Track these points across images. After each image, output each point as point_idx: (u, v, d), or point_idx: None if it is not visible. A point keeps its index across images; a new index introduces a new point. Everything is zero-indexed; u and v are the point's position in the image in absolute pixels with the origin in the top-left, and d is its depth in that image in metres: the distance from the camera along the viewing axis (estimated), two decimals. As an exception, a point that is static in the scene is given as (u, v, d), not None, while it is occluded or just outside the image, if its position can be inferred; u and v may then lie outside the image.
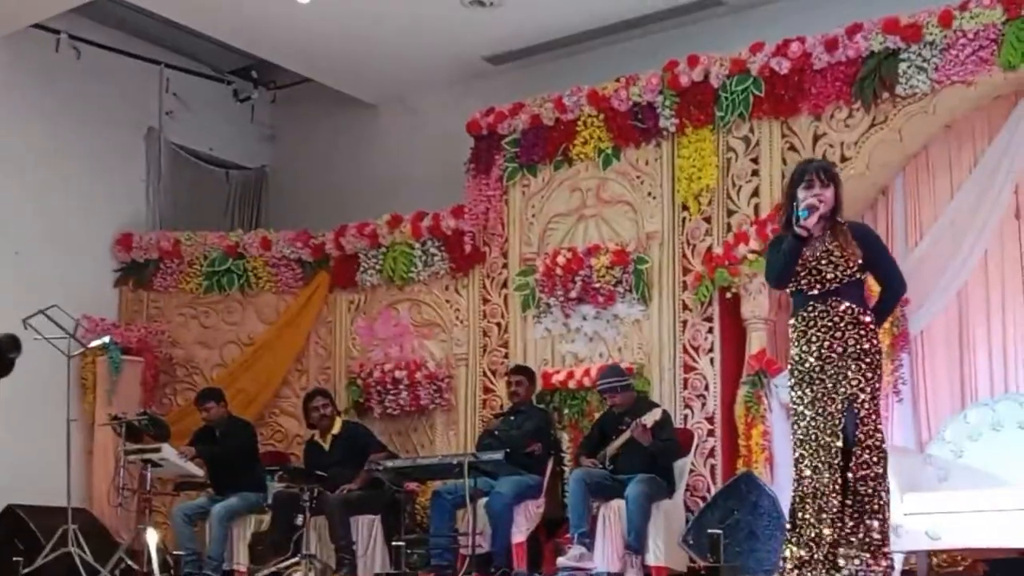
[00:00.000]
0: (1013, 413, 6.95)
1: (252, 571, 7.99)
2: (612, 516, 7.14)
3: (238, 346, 9.89)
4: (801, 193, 5.11)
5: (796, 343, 5.14)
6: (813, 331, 5.09)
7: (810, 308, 5.11)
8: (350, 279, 9.72)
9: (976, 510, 6.20)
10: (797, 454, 5.09)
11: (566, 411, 8.35)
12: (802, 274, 5.12)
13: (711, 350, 7.98)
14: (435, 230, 9.30)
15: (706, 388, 7.94)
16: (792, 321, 5.22)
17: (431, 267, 9.36)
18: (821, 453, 5.00)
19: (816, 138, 7.85)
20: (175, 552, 8.31)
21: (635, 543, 6.96)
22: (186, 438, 8.69)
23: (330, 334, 9.81)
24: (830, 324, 5.06)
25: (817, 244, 5.12)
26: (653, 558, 7.00)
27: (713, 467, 7.76)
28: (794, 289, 5.18)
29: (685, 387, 8.04)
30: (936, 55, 7.42)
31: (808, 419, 5.06)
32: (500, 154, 9.11)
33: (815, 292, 5.11)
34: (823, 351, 5.05)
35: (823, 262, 5.08)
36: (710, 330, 8.01)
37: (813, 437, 5.03)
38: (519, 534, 7.49)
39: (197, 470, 8.46)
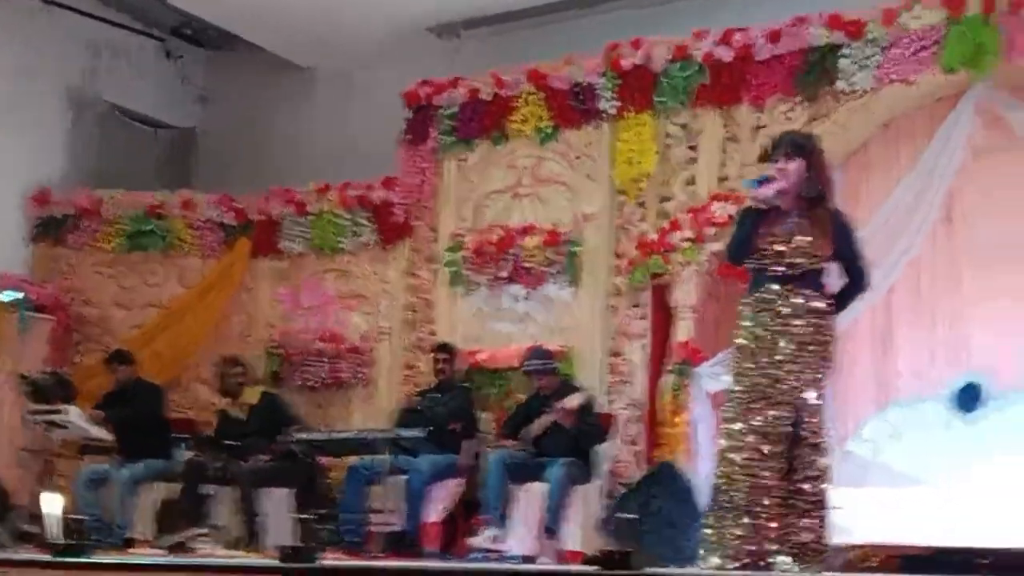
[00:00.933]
0: (933, 413, 7.03)
1: (156, 540, 7.76)
2: (530, 498, 7.06)
3: (157, 309, 9.63)
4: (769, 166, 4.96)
5: (746, 323, 4.92)
6: (766, 315, 4.87)
7: (767, 291, 4.90)
8: (272, 246, 9.50)
9: (891, 507, 6.30)
10: (732, 432, 4.85)
11: (490, 391, 8.23)
12: (765, 253, 4.90)
13: (640, 336, 7.89)
14: (364, 200, 9.13)
15: (632, 374, 7.86)
16: (745, 299, 4.99)
17: (359, 238, 9.19)
18: (761, 444, 4.82)
19: (757, 129, 7.79)
20: (77, 517, 8.04)
21: (553, 526, 6.87)
22: (95, 400, 8.42)
23: (251, 301, 9.59)
24: (784, 311, 4.86)
25: (787, 224, 4.89)
26: (569, 542, 6.91)
27: (636, 454, 7.68)
28: (754, 267, 4.96)
29: (612, 372, 7.94)
30: (878, 53, 7.41)
31: (747, 404, 4.84)
32: (436, 127, 8.95)
33: (775, 275, 4.89)
34: (774, 337, 4.84)
35: (788, 245, 4.86)
36: (640, 316, 7.92)
37: (752, 423, 4.82)
38: (434, 514, 7.38)
39: (104, 433, 8.22)
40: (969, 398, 6.87)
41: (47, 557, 5.64)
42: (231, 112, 10.94)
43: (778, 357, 4.84)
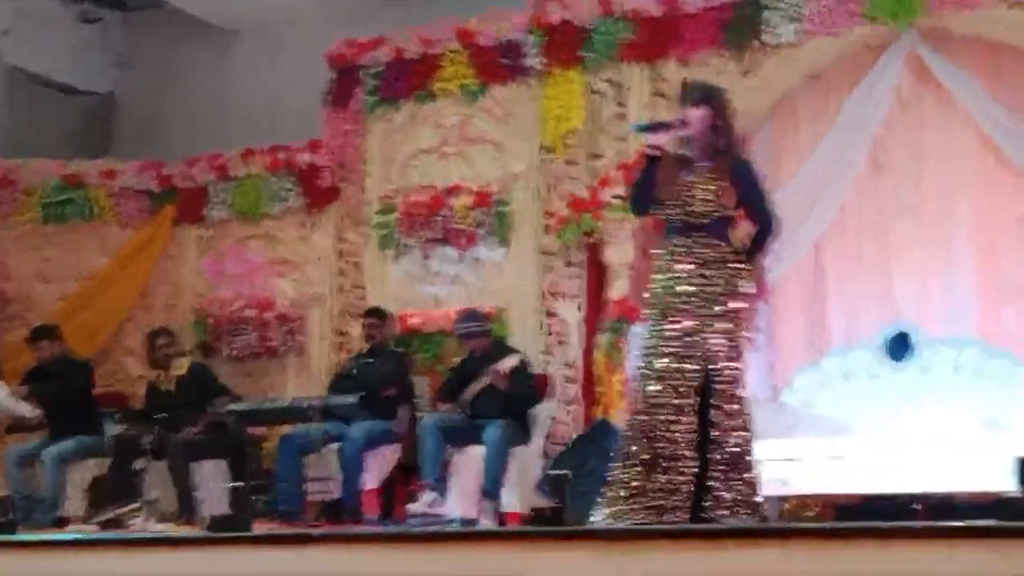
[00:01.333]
0: (863, 363, 7.12)
1: (89, 516, 7.63)
2: (467, 462, 7.01)
3: (79, 280, 9.40)
4: None
5: (656, 275, 4.86)
6: (677, 267, 4.80)
7: (675, 241, 4.85)
8: (197, 213, 9.30)
9: (824, 456, 6.34)
10: (644, 390, 4.78)
11: (423, 355, 8.17)
12: (668, 202, 4.84)
13: (574, 296, 7.85)
14: (290, 164, 8.98)
15: (567, 334, 7.83)
16: (656, 251, 4.94)
17: (285, 202, 9.02)
18: (675, 399, 4.74)
19: (684, 85, 7.73)
20: (6, 496, 7.89)
21: (491, 489, 6.83)
22: (19, 378, 8.22)
23: (176, 270, 9.39)
24: (693, 262, 4.79)
25: (692, 174, 4.83)
26: (507, 504, 6.89)
27: (573, 413, 7.66)
28: (663, 218, 4.90)
29: (547, 333, 7.90)
30: (803, 4, 7.40)
31: (659, 356, 4.76)
32: (360, 87, 8.81)
33: (680, 225, 4.84)
34: (684, 288, 4.76)
35: (687, 193, 4.80)
36: (572, 276, 7.87)
37: (666, 378, 4.74)
38: (372, 481, 7.28)
39: (30, 411, 8.04)
40: (899, 347, 6.94)
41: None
42: (151, 76, 10.65)
43: (686, 308, 4.77)
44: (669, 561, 4.06)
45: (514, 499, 6.90)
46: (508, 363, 7.01)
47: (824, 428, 6.81)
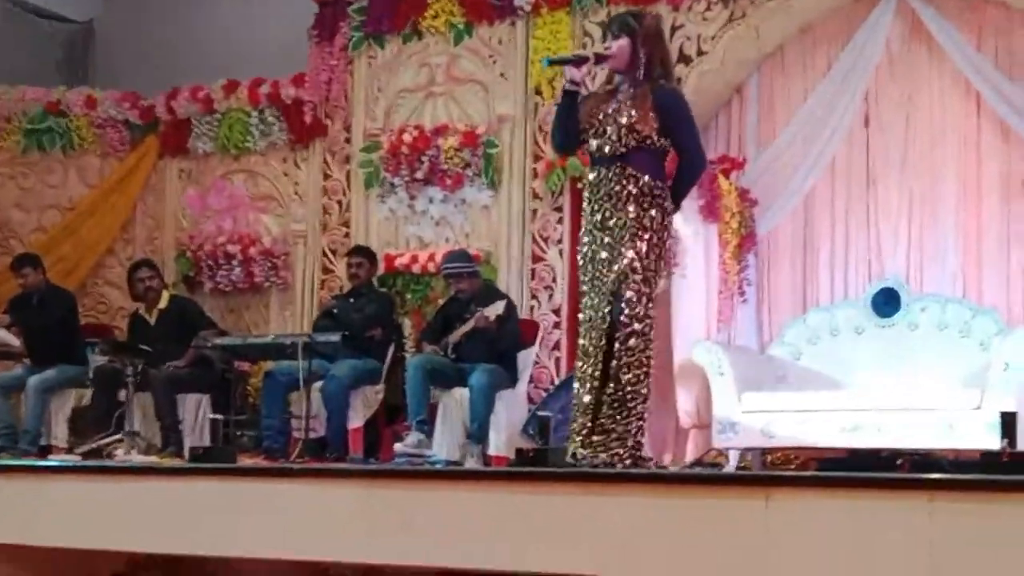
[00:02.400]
0: (850, 318, 7.17)
1: (72, 446, 7.64)
2: (453, 404, 7.04)
3: (59, 211, 9.30)
4: None
5: (584, 208, 4.84)
6: (596, 198, 4.77)
7: (596, 172, 4.79)
8: (181, 145, 9.19)
9: (809, 410, 6.39)
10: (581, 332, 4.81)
11: (409, 296, 8.17)
12: (590, 132, 4.79)
13: (560, 241, 7.87)
14: (274, 98, 8.87)
15: (554, 280, 7.86)
16: (586, 183, 4.89)
17: (269, 137, 8.93)
18: (592, 335, 4.73)
19: (673, 29, 7.70)
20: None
21: (477, 432, 6.88)
22: (1, 306, 8.18)
23: (159, 202, 9.29)
24: (611, 192, 4.72)
25: (614, 104, 4.77)
26: (493, 447, 6.95)
27: (558, 359, 7.71)
28: (590, 151, 4.84)
29: (532, 277, 7.92)
30: (795, -47, 7.38)
31: (586, 296, 4.78)
32: (346, 22, 8.71)
33: (601, 155, 4.77)
34: (603, 221, 4.73)
35: (610, 123, 4.73)
36: (559, 220, 7.88)
37: (588, 317, 4.75)
38: (356, 419, 7.32)
39: (12, 339, 8.01)
40: (886, 303, 7.01)
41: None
42: (131, 4, 10.47)
43: (607, 240, 4.74)
44: (646, 506, 4.19)
45: (500, 442, 6.95)
46: (494, 310, 6.97)
47: (810, 382, 6.86)
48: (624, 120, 4.71)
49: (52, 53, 10.33)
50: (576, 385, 4.87)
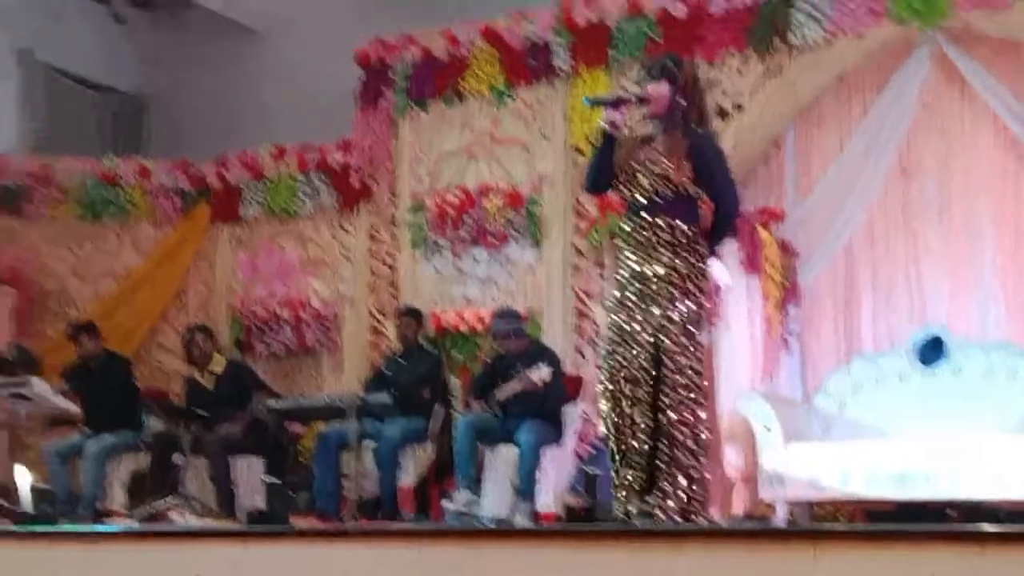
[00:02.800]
0: (894, 366, 7.11)
1: (130, 511, 7.77)
2: (500, 461, 7.10)
3: (114, 278, 9.52)
4: None
5: (618, 260, 4.78)
6: (630, 248, 4.69)
7: (634, 221, 4.71)
8: (232, 211, 9.44)
9: (856, 460, 6.32)
10: (606, 388, 4.67)
11: (456, 354, 8.28)
12: (622, 179, 4.73)
13: (603, 295, 7.94)
14: (321, 164, 9.08)
15: (598, 334, 7.92)
16: (621, 232, 4.82)
17: (316, 201, 9.14)
18: (627, 388, 4.60)
19: (710, 85, 7.77)
20: (48, 488, 8.02)
21: (526, 488, 6.92)
22: (58, 372, 8.34)
23: (211, 269, 9.53)
24: (646, 240, 4.64)
25: (650, 151, 4.71)
26: (541, 504, 6.99)
27: (605, 414, 7.74)
28: (626, 198, 4.77)
29: (577, 333, 8.00)
30: (828, 5, 7.43)
31: (615, 346, 4.65)
32: (390, 87, 8.90)
33: (635, 204, 4.71)
34: (640, 270, 4.65)
35: (643, 172, 4.67)
36: (601, 275, 7.95)
37: (620, 367, 4.61)
38: (407, 478, 7.40)
39: (71, 405, 8.14)
40: (930, 352, 6.97)
41: (16, 527, 5.62)
42: (180, 75, 10.76)
43: (646, 291, 4.64)
44: (699, 561, 4.19)
45: (548, 498, 7.00)
46: (539, 375, 6.93)
47: (856, 432, 6.81)
48: (658, 169, 4.69)
49: (104, 124, 10.62)
50: (613, 435, 4.74)
